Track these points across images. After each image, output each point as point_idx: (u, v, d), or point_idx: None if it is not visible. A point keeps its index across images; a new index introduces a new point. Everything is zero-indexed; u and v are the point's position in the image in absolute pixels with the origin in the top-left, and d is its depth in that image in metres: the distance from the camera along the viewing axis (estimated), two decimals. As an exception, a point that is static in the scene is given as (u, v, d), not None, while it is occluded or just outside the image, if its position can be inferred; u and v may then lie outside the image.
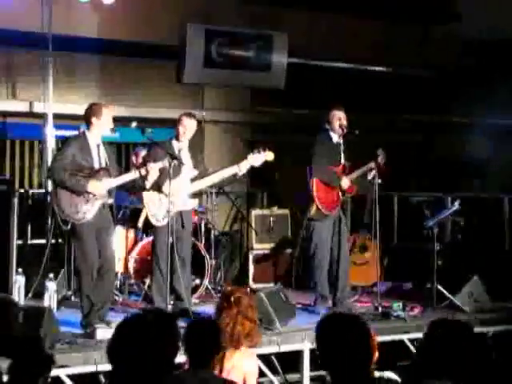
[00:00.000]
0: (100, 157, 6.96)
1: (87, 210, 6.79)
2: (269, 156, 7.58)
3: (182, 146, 7.58)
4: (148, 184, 7.19)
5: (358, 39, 12.40)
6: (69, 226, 6.90)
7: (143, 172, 7.00)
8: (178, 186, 7.40)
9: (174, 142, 7.60)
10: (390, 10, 12.24)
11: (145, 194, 7.45)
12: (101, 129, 6.94)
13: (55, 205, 6.91)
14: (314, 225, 8.00)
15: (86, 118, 6.95)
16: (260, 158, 7.56)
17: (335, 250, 8.02)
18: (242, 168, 7.51)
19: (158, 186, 7.28)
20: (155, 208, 7.45)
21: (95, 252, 6.81)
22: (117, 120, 7.21)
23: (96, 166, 6.92)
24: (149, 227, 8.05)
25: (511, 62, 11.84)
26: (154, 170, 7.04)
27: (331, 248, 8.02)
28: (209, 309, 7.20)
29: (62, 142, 7.65)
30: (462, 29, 12.54)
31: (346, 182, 7.99)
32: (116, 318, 7.03)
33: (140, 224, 7.56)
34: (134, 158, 8.89)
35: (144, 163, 7.23)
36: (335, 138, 8.06)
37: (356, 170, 8.05)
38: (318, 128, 8.23)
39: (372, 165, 7.96)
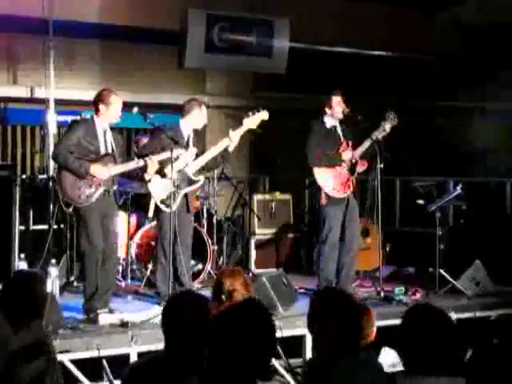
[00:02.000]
0: (106, 142, 6.92)
1: (90, 194, 6.76)
2: (264, 115, 7.48)
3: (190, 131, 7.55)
4: (148, 176, 7.11)
5: (359, 24, 12.37)
6: (71, 209, 6.89)
7: (141, 163, 6.95)
8: (181, 168, 7.37)
9: (183, 127, 7.49)
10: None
11: (149, 184, 7.41)
12: (109, 116, 6.87)
13: (58, 187, 6.89)
14: (326, 210, 7.93)
15: (95, 104, 6.88)
16: (256, 118, 7.48)
17: (343, 236, 7.96)
18: (236, 134, 7.40)
19: (162, 175, 7.19)
20: (162, 194, 7.38)
21: (100, 235, 6.77)
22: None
23: (102, 151, 6.87)
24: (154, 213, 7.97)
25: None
26: (153, 162, 6.96)
27: (341, 233, 7.96)
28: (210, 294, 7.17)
29: (71, 124, 7.58)
30: (465, 13, 12.50)
31: (347, 155, 7.87)
32: (117, 304, 7.05)
33: (150, 214, 7.46)
34: (135, 147, 8.85)
35: (147, 154, 7.13)
36: (331, 122, 7.96)
37: (361, 145, 7.93)
38: (318, 113, 8.14)
39: (377, 133, 7.83)
